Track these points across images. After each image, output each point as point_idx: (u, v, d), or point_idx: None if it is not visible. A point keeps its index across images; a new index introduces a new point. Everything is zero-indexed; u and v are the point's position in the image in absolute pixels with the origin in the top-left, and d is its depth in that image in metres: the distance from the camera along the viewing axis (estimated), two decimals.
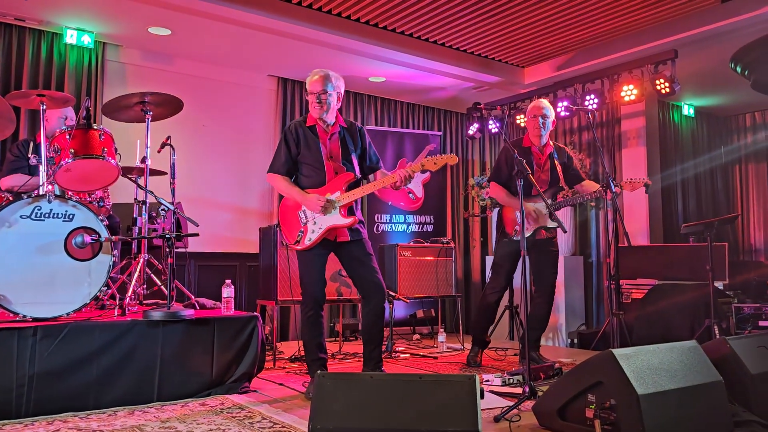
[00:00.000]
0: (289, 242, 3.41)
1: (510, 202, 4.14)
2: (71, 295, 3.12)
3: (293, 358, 4.53)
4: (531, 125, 4.18)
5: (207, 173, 5.83)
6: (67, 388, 2.91)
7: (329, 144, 3.42)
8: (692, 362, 2.53)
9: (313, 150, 3.39)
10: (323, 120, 3.41)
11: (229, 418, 2.85)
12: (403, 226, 6.57)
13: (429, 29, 5.48)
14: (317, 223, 3.33)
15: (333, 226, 3.32)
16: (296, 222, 3.38)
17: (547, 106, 4.19)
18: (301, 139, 3.39)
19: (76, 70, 5.13)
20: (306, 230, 3.34)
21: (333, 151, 3.42)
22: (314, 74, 3.40)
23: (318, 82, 3.36)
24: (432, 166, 3.33)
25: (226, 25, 4.94)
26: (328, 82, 3.36)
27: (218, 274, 4.99)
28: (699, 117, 7.48)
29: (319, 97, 3.34)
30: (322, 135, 3.41)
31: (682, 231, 4.77)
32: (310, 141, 3.39)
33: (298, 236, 3.35)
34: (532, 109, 4.21)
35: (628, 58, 5.65)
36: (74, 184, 3.52)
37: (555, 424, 2.58)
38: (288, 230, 3.42)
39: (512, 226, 4.13)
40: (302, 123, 3.44)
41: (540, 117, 4.14)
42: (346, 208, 3.35)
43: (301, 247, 3.34)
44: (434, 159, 3.32)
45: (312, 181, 3.39)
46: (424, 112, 7.31)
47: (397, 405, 1.99)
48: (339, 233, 3.36)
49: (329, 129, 3.43)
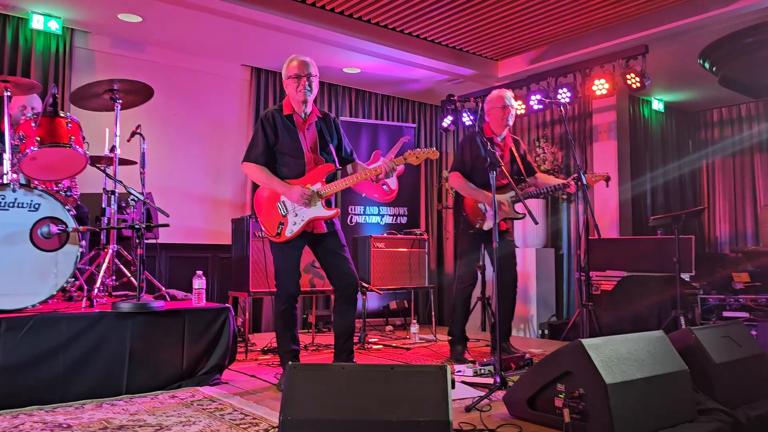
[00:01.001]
0: (269, 234, 3.32)
1: (473, 194, 4.10)
2: (37, 286, 3.06)
3: (265, 350, 4.52)
4: (498, 116, 4.18)
5: (179, 163, 5.75)
6: (33, 381, 2.85)
7: (308, 134, 3.36)
8: (658, 352, 2.59)
9: (293, 139, 3.31)
10: (302, 109, 3.34)
11: (200, 410, 2.83)
12: (377, 218, 6.57)
13: (404, 21, 5.47)
14: (299, 215, 3.28)
15: (315, 217, 3.29)
16: (275, 213, 3.31)
17: (513, 98, 4.23)
18: (279, 127, 3.30)
19: (42, 57, 5.00)
20: (287, 222, 3.28)
21: (312, 142, 3.37)
22: (296, 58, 3.33)
23: (304, 64, 3.29)
24: (414, 160, 3.34)
25: (199, 12, 4.86)
26: (312, 66, 3.32)
27: (190, 266, 4.92)
28: (668, 112, 7.61)
29: (309, 78, 3.27)
30: (299, 124, 3.34)
31: (650, 224, 4.85)
32: (288, 130, 3.31)
33: (279, 228, 3.28)
34: (499, 99, 4.18)
35: (599, 53, 5.71)
36: (40, 173, 3.44)
37: (525, 414, 2.61)
38: (267, 222, 3.32)
39: (476, 217, 4.12)
40: (279, 110, 3.35)
41: (510, 108, 4.17)
42: (325, 200, 3.33)
43: (282, 240, 3.28)
44: (416, 153, 3.33)
45: (292, 172, 3.32)
46: (398, 104, 7.31)
47: (369, 395, 2.00)
48: (316, 225, 3.33)
49: (307, 119, 3.37)
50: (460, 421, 2.55)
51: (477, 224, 4.09)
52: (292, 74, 3.29)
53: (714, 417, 2.54)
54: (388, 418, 1.94)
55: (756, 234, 7.13)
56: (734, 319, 4.61)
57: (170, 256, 5.58)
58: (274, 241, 3.32)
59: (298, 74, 3.27)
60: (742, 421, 2.57)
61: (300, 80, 3.26)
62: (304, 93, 3.27)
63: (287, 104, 3.37)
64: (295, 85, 3.28)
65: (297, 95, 3.29)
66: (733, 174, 7.53)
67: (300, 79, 3.26)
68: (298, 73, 3.27)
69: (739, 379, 2.80)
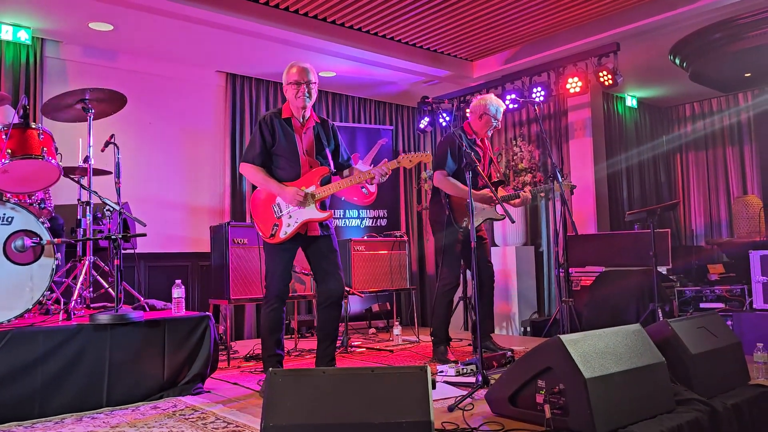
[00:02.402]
0: (263, 235, 3.37)
1: (461, 192, 4.12)
2: (12, 300, 3.02)
3: (248, 357, 4.49)
4: (485, 122, 4.23)
5: (155, 172, 5.70)
6: (10, 396, 2.81)
7: (304, 138, 3.41)
8: (636, 345, 2.62)
9: (289, 142, 3.37)
10: (301, 113, 3.39)
11: (182, 420, 2.81)
12: (357, 221, 6.57)
13: (379, 23, 5.48)
14: (293, 217, 3.32)
15: (309, 219, 3.32)
16: (270, 215, 3.35)
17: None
18: (276, 130, 3.36)
19: (12, 68, 4.93)
20: (281, 223, 3.32)
21: (308, 146, 3.42)
22: (296, 65, 3.38)
23: (305, 71, 3.35)
24: (407, 164, 3.39)
25: (170, 19, 4.83)
26: (312, 74, 3.38)
27: (169, 275, 4.89)
28: (641, 108, 7.71)
29: (308, 86, 3.33)
30: (297, 128, 3.40)
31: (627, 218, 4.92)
32: (285, 133, 3.37)
33: (273, 229, 3.32)
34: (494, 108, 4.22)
35: (572, 51, 5.78)
36: (12, 186, 3.39)
37: (507, 411, 2.63)
38: (262, 223, 3.37)
39: (462, 216, 4.14)
40: (277, 115, 3.41)
41: (500, 122, 4.26)
42: (320, 203, 3.35)
43: (276, 241, 3.32)
44: (409, 156, 3.39)
45: (287, 174, 3.37)
46: (375, 107, 7.32)
47: (350, 399, 2.00)
48: (310, 227, 3.36)
49: (305, 123, 3.42)
50: (443, 420, 2.56)
51: (464, 223, 4.10)
52: (292, 81, 3.35)
53: (692, 407, 2.58)
54: (369, 421, 1.95)
55: (730, 225, 7.26)
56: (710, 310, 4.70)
57: (149, 265, 5.52)
58: (268, 243, 3.35)
59: (298, 81, 3.33)
60: (719, 410, 2.61)
61: (300, 87, 3.33)
62: (303, 99, 3.34)
63: (286, 108, 3.43)
64: (295, 92, 3.34)
65: (296, 101, 3.35)
66: (707, 167, 7.65)
67: (300, 86, 3.33)
68: (298, 80, 3.34)
69: (715, 369, 2.85)
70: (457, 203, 4.16)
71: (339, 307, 3.43)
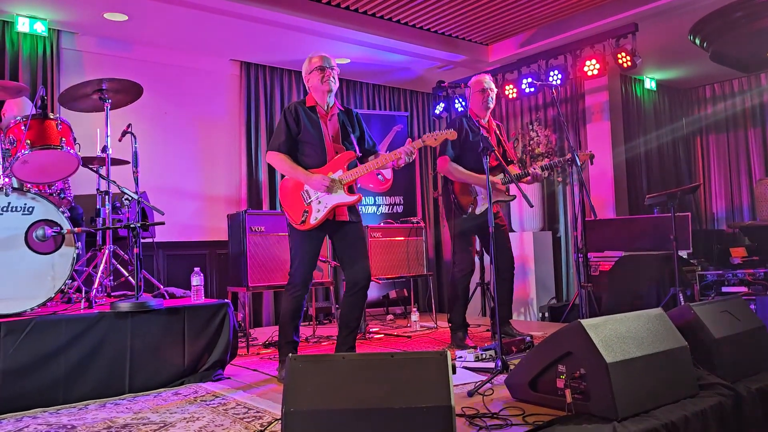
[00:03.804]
0: (294, 222, 3.34)
1: (465, 177, 4.08)
2: (35, 289, 3.05)
3: (267, 344, 4.52)
4: (479, 99, 4.18)
5: (171, 160, 5.73)
6: (35, 384, 2.85)
7: (329, 125, 3.43)
8: (658, 329, 2.59)
9: (315, 129, 3.39)
10: (326, 100, 3.41)
11: (203, 406, 2.83)
12: (374, 208, 6.56)
13: (393, 8, 5.43)
14: (322, 202, 3.32)
15: (338, 204, 3.33)
16: (299, 202, 3.35)
17: (492, 81, 4.25)
18: (301, 118, 3.38)
19: (30, 59, 4.97)
20: (311, 210, 3.32)
21: (333, 132, 3.44)
22: (316, 53, 3.44)
23: (326, 58, 3.41)
24: (432, 142, 3.41)
25: (184, 8, 4.83)
26: (333, 60, 3.42)
27: (187, 263, 4.93)
28: (660, 90, 7.59)
29: (332, 69, 3.38)
30: (322, 116, 3.43)
31: (646, 202, 4.85)
32: (311, 120, 3.39)
33: (303, 216, 3.32)
34: (478, 83, 4.19)
35: (589, 33, 5.69)
36: (32, 176, 3.42)
37: (527, 396, 2.62)
38: (291, 210, 3.37)
39: (467, 201, 4.10)
40: (302, 103, 3.44)
41: (489, 91, 4.18)
42: (347, 187, 3.36)
43: (306, 227, 3.31)
44: (434, 135, 3.40)
45: (313, 161, 3.38)
46: (390, 93, 7.28)
47: (370, 384, 2.00)
48: (339, 212, 3.36)
49: (329, 110, 3.45)
50: (463, 406, 2.56)
51: (468, 209, 4.07)
52: (316, 66, 3.40)
53: (715, 391, 2.56)
54: (390, 406, 1.94)
55: (752, 208, 7.14)
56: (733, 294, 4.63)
57: (167, 254, 5.57)
58: (298, 229, 3.34)
59: (322, 66, 3.38)
60: (743, 394, 2.58)
61: (324, 71, 3.37)
62: (329, 83, 3.38)
63: (310, 98, 3.46)
64: (320, 76, 3.37)
65: (322, 86, 3.38)
66: (728, 149, 7.53)
67: (324, 71, 3.37)
68: (321, 65, 3.38)
69: (739, 353, 2.81)
70: (459, 189, 4.13)
71: (365, 296, 3.44)
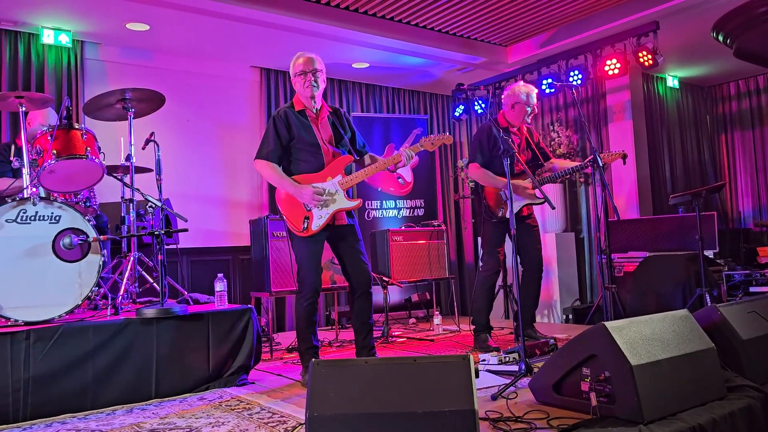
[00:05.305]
0: (295, 229, 3.31)
1: (493, 182, 4.10)
2: (62, 296, 3.10)
3: (290, 348, 4.54)
4: (523, 112, 4.17)
5: (194, 168, 5.80)
6: (64, 389, 2.90)
7: (322, 128, 3.41)
8: (684, 331, 2.56)
9: (309, 134, 3.35)
10: (312, 104, 3.38)
11: (228, 410, 2.86)
12: (394, 212, 6.57)
13: (411, 12, 5.44)
14: (323, 208, 3.30)
15: (340, 209, 3.32)
16: (299, 208, 3.31)
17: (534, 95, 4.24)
18: (293, 124, 3.34)
19: (55, 71, 5.07)
20: (312, 216, 3.29)
21: (327, 135, 3.42)
22: (302, 55, 3.38)
23: (310, 61, 3.35)
24: (429, 147, 3.41)
25: (204, 17, 4.89)
26: (317, 62, 3.38)
27: (211, 269, 4.98)
28: (683, 88, 7.49)
29: (315, 74, 3.33)
30: (313, 119, 3.39)
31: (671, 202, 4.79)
32: (303, 125, 3.36)
33: (305, 223, 3.28)
34: (524, 95, 4.16)
35: (610, 32, 5.64)
36: (59, 185, 3.48)
37: (551, 399, 2.60)
38: (292, 217, 3.32)
39: (498, 205, 4.12)
40: (291, 108, 3.40)
41: (535, 108, 4.21)
42: (346, 191, 3.36)
43: (308, 234, 3.28)
44: (431, 139, 3.40)
45: (311, 166, 3.35)
46: (409, 96, 7.29)
47: (393, 388, 2.00)
48: (338, 216, 3.35)
49: (319, 113, 3.42)
50: (487, 409, 2.55)
51: (499, 213, 4.10)
52: (299, 71, 3.35)
53: (744, 394, 2.51)
54: (413, 410, 1.95)
55: None
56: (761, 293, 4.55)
57: (191, 260, 5.63)
58: (299, 236, 3.31)
59: (304, 71, 3.33)
60: None
61: (306, 76, 3.33)
62: (311, 89, 3.33)
63: (297, 101, 3.42)
64: (302, 81, 3.34)
65: (305, 91, 3.35)
66: (754, 147, 7.40)
67: (306, 75, 3.33)
68: (303, 69, 3.34)
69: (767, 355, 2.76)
70: (490, 194, 4.15)
71: (371, 297, 3.43)
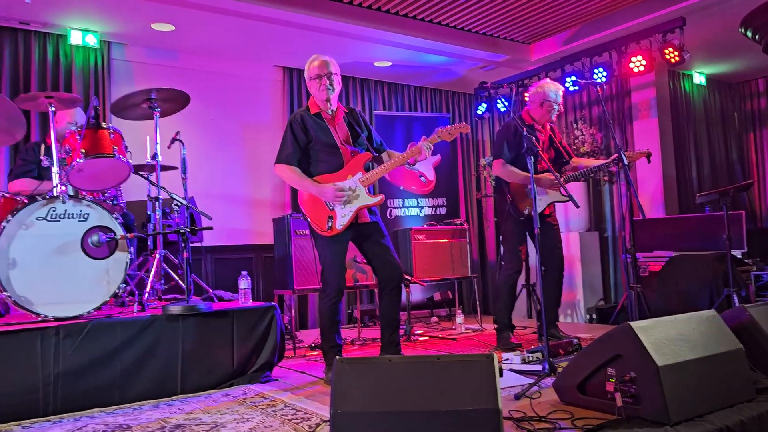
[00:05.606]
0: (320, 229, 3.32)
1: (519, 179, 4.07)
2: (91, 293, 3.16)
3: (313, 346, 4.56)
4: (547, 108, 4.15)
5: (218, 167, 5.86)
6: (92, 384, 2.96)
7: (338, 129, 3.43)
8: (711, 331, 2.52)
9: (326, 135, 3.38)
10: (328, 105, 3.39)
11: (252, 407, 2.89)
12: (416, 210, 6.56)
13: (433, 10, 5.43)
14: (346, 206, 3.31)
15: (362, 206, 3.33)
16: (322, 208, 3.32)
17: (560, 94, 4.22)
18: (309, 126, 3.36)
19: (83, 71, 5.15)
20: (335, 215, 3.30)
21: (344, 135, 3.43)
22: (316, 59, 3.40)
23: (325, 64, 3.36)
24: (447, 137, 3.39)
25: (229, 17, 4.94)
26: (332, 65, 3.38)
27: (234, 267, 5.02)
28: (710, 84, 7.37)
29: (330, 77, 3.34)
30: (329, 120, 3.42)
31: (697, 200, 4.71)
32: (320, 127, 3.38)
33: (329, 222, 3.30)
34: (553, 93, 4.14)
35: (635, 29, 5.57)
36: (87, 184, 3.55)
37: (575, 399, 2.58)
38: (315, 217, 3.34)
39: (524, 202, 4.09)
40: (306, 111, 3.43)
41: (561, 107, 4.19)
42: (367, 188, 3.37)
43: (333, 233, 3.30)
44: (448, 129, 3.37)
45: (330, 166, 3.38)
46: (431, 95, 7.27)
47: (417, 387, 2.00)
48: (361, 214, 3.36)
49: (335, 114, 3.44)
50: (510, 409, 2.54)
51: (526, 210, 4.06)
52: (314, 75, 3.37)
53: None
54: (437, 408, 1.95)
55: None
56: None
57: (215, 258, 5.69)
58: (323, 236, 3.33)
59: (319, 74, 3.35)
60: None
61: (321, 80, 3.34)
62: (326, 92, 3.35)
63: (313, 104, 3.44)
64: (318, 85, 3.35)
65: (320, 94, 3.37)
66: None
67: (321, 79, 3.34)
68: (318, 73, 3.35)
69: None
70: (516, 190, 4.11)
71: (400, 293, 3.44)
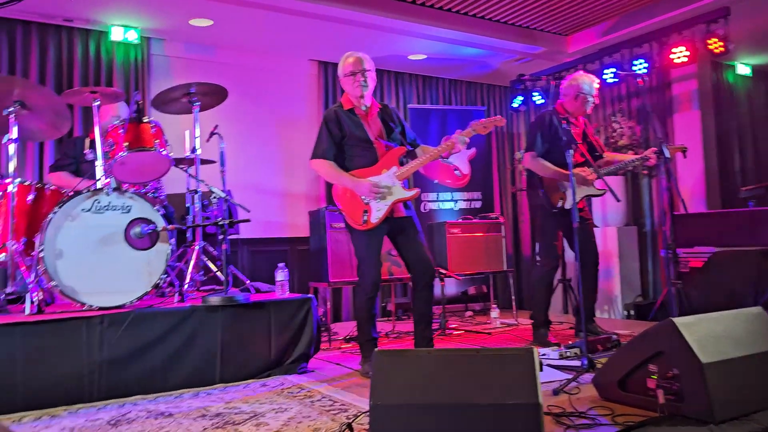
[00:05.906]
0: (355, 223, 3.34)
1: (550, 173, 4.01)
2: (133, 283, 3.24)
3: (348, 339, 4.59)
4: (582, 101, 4.08)
5: (253, 160, 5.92)
6: (134, 372, 3.03)
7: (372, 124, 3.44)
8: (758, 329, 2.46)
9: (360, 131, 3.40)
10: (362, 102, 3.42)
11: (290, 397, 2.92)
12: (451, 204, 6.53)
13: (468, 2, 5.39)
14: (381, 200, 3.32)
15: (398, 200, 3.34)
16: (357, 202, 3.34)
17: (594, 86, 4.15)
18: (343, 122, 3.39)
19: (123, 66, 5.26)
20: (370, 209, 3.32)
21: (378, 131, 3.45)
22: (351, 56, 3.42)
23: (359, 61, 3.39)
24: (482, 130, 3.37)
25: (266, 12, 4.98)
26: (366, 62, 3.41)
27: (270, 259, 5.08)
28: (756, 76, 7.14)
29: (364, 74, 3.36)
30: (363, 116, 3.44)
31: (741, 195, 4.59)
32: (354, 123, 3.40)
33: (364, 216, 3.31)
34: (587, 85, 4.08)
35: (677, 19, 5.44)
36: (129, 176, 3.63)
37: (616, 396, 2.55)
38: (350, 212, 3.36)
39: (557, 196, 4.03)
40: (340, 107, 3.45)
41: (596, 99, 4.13)
42: (403, 182, 3.37)
43: (368, 227, 3.31)
44: (483, 123, 3.36)
45: (364, 161, 3.39)
46: (466, 88, 7.22)
47: (456, 379, 2.00)
48: (396, 208, 3.37)
49: (368, 110, 3.46)
50: (549, 404, 2.52)
51: (558, 203, 4.00)
52: (348, 72, 3.39)
53: None
54: (476, 401, 1.94)
55: None
56: None
57: (251, 250, 5.76)
58: (359, 230, 3.34)
59: (353, 71, 3.37)
60: None
61: (355, 77, 3.37)
62: (360, 89, 3.37)
63: (346, 100, 3.47)
64: (352, 82, 3.38)
65: (354, 91, 3.39)
66: None
67: (355, 76, 3.37)
68: (353, 70, 3.37)
69: None
70: (548, 183, 4.06)
71: (432, 288, 3.43)
